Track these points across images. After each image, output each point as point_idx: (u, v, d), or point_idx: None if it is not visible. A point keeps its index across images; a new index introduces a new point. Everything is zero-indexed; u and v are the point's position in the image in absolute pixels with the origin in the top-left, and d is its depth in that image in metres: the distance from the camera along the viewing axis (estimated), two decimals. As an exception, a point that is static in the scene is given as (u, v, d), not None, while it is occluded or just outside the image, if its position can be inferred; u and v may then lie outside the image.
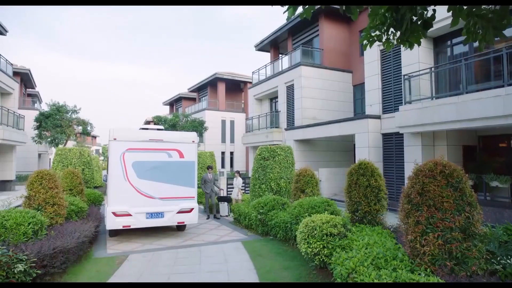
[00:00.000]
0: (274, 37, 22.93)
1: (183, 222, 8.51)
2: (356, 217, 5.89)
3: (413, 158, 11.87)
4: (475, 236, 3.66)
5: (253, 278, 5.64)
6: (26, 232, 5.36)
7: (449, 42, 12.03)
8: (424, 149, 11.70)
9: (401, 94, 12.68)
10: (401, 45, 3.73)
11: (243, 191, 15.80)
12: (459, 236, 3.61)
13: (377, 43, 5.35)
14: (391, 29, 3.70)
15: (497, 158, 11.34)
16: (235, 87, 37.22)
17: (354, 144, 17.58)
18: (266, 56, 27.18)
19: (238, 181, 12.39)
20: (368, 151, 13.38)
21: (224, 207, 11.45)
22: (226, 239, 8.40)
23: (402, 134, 12.22)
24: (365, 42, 3.75)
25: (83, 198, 9.28)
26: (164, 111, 66.87)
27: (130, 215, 7.89)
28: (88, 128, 28.94)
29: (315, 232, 5.21)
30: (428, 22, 3.38)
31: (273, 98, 23.55)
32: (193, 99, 41.75)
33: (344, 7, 3.02)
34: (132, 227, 7.97)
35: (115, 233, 8.45)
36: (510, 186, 10.00)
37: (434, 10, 3.44)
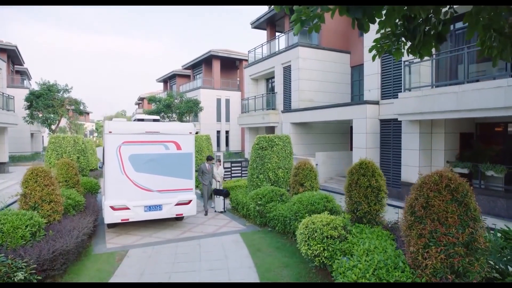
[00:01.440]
0: (271, 15, 22.19)
1: (182, 214, 8.51)
2: (356, 216, 5.91)
3: (411, 145, 11.89)
4: (477, 250, 3.67)
5: (253, 277, 5.71)
6: (24, 235, 5.29)
7: (451, 27, 11.71)
8: (421, 136, 11.68)
9: (401, 80, 12.49)
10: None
11: (240, 175, 15.81)
12: (461, 251, 3.62)
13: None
14: (402, 38, 3.52)
15: (493, 146, 11.39)
16: (231, 65, 36.48)
17: (351, 127, 17.53)
18: (263, 34, 26.43)
19: (220, 171, 11.12)
20: (365, 137, 13.34)
21: (219, 202, 10.27)
22: (225, 230, 8.46)
23: (400, 120, 12.15)
24: (374, 52, 3.56)
25: (79, 189, 9.17)
26: (158, 87, 65.75)
27: (128, 208, 7.86)
28: (81, 107, 28.44)
29: (315, 234, 5.23)
30: (442, 35, 3.20)
31: (269, 78, 23.15)
32: (187, 76, 40.95)
33: (356, 23, 2.82)
34: (130, 220, 7.96)
35: (113, 224, 8.44)
36: (505, 175, 10.10)
37: (449, 20, 3.25)
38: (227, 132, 35.32)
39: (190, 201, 8.53)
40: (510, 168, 10.01)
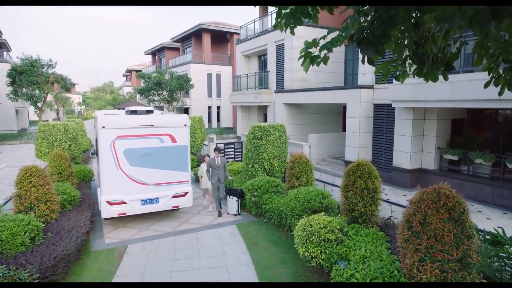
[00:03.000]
0: (264, -12, 21.27)
1: (178, 206, 8.58)
2: (352, 216, 6.06)
3: (404, 131, 12.01)
4: (470, 265, 3.84)
5: (252, 275, 5.90)
6: (24, 242, 5.29)
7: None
8: (414, 123, 11.78)
9: (396, 65, 12.35)
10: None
11: (233, 158, 15.83)
12: (455, 266, 3.79)
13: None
14: (408, 61, 3.45)
15: (483, 133, 11.60)
16: (221, 38, 35.40)
17: (344, 106, 17.54)
18: (255, 8, 25.44)
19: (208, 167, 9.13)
20: (359, 121, 13.38)
21: (232, 204, 8.91)
22: (221, 221, 8.59)
23: (394, 106, 12.17)
24: (380, 74, 3.49)
25: (73, 180, 9.09)
26: (146, 59, 63.81)
27: (124, 203, 7.88)
28: (67, 83, 27.58)
29: (313, 237, 5.37)
30: (450, 64, 3.15)
31: (261, 56, 22.63)
32: (176, 50, 39.70)
33: (367, 59, 2.74)
34: (127, 214, 8.00)
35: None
36: (492, 164, 10.38)
37: (458, 49, 3.18)
38: (218, 107, 34.94)
39: (187, 193, 8.59)
40: (498, 156, 10.28)
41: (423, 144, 12.09)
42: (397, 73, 3.44)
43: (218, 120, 35.24)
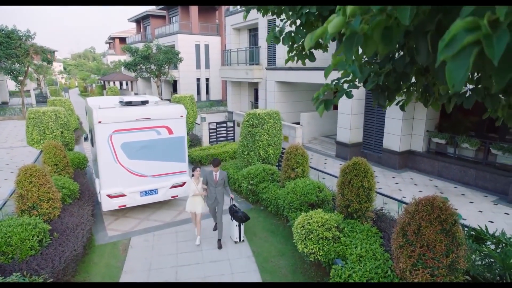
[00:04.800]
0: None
1: (177, 196, 8.80)
2: (347, 212, 6.40)
3: (395, 114, 12.26)
4: (457, 269, 4.23)
5: (253, 268, 6.28)
6: (33, 246, 5.44)
7: None
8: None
9: (390, 47, 12.31)
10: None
11: (225, 138, 15.88)
12: (444, 272, 4.17)
13: None
14: (413, 88, 3.57)
15: (470, 116, 11.96)
16: (209, 6, 33.93)
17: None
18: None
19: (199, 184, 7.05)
20: (351, 103, 13.52)
21: (233, 228, 7.25)
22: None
23: (386, 90, 12.30)
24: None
25: (69, 170, 9.11)
26: (130, 26, 60.92)
27: (124, 195, 8.03)
28: (48, 54, 26.37)
29: (311, 235, 5.70)
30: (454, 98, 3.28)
31: (252, 29, 22.01)
32: (162, 18, 38.00)
33: (378, 103, 2.84)
34: (127, 206, 8.18)
35: None
36: (477, 148, 10.84)
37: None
38: (207, 79, 34.28)
39: (184, 183, 8.77)
40: (483, 141, 10.71)
41: (413, 127, 12.42)
42: (401, 102, 3.55)
43: (207, 92, 34.72)
